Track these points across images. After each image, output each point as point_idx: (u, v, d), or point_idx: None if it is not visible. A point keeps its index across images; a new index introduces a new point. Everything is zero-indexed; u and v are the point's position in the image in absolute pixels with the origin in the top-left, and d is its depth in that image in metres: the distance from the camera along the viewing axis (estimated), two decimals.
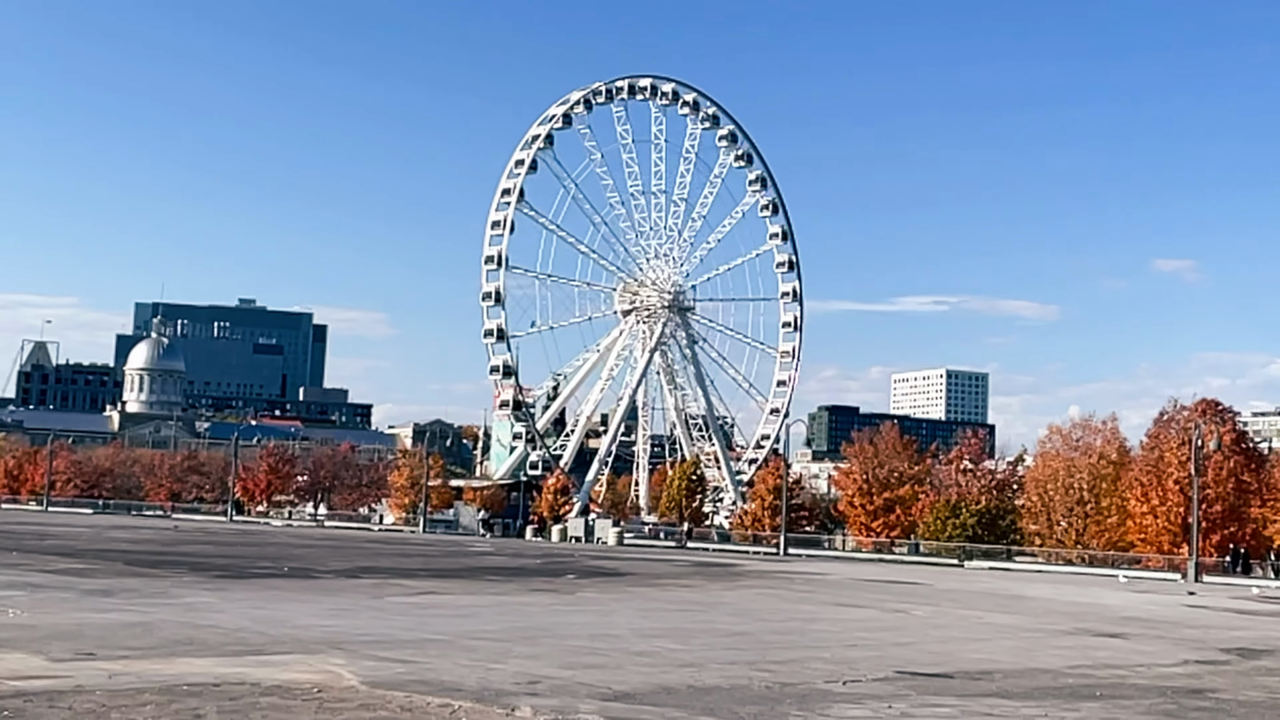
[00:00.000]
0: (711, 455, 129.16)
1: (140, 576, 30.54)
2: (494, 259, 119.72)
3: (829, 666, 17.31)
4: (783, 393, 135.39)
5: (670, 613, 27.01)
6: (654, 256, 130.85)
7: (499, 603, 27.93)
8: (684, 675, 15.64)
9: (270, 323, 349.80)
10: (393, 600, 26.88)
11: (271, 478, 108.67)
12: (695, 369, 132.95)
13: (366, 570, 37.63)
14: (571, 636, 20.19)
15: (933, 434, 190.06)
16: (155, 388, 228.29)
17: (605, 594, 32.35)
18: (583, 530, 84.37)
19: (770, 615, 27.83)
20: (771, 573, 48.21)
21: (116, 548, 44.75)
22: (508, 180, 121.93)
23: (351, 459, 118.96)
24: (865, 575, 49.70)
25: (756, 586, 38.31)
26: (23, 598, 22.71)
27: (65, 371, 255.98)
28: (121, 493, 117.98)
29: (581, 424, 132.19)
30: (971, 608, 33.11)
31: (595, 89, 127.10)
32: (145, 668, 14.28)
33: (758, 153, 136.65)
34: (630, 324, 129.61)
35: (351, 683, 13.68)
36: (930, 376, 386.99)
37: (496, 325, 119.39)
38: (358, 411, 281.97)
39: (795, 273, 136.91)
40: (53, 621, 19.12)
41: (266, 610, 22.65)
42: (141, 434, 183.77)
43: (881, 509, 79.38)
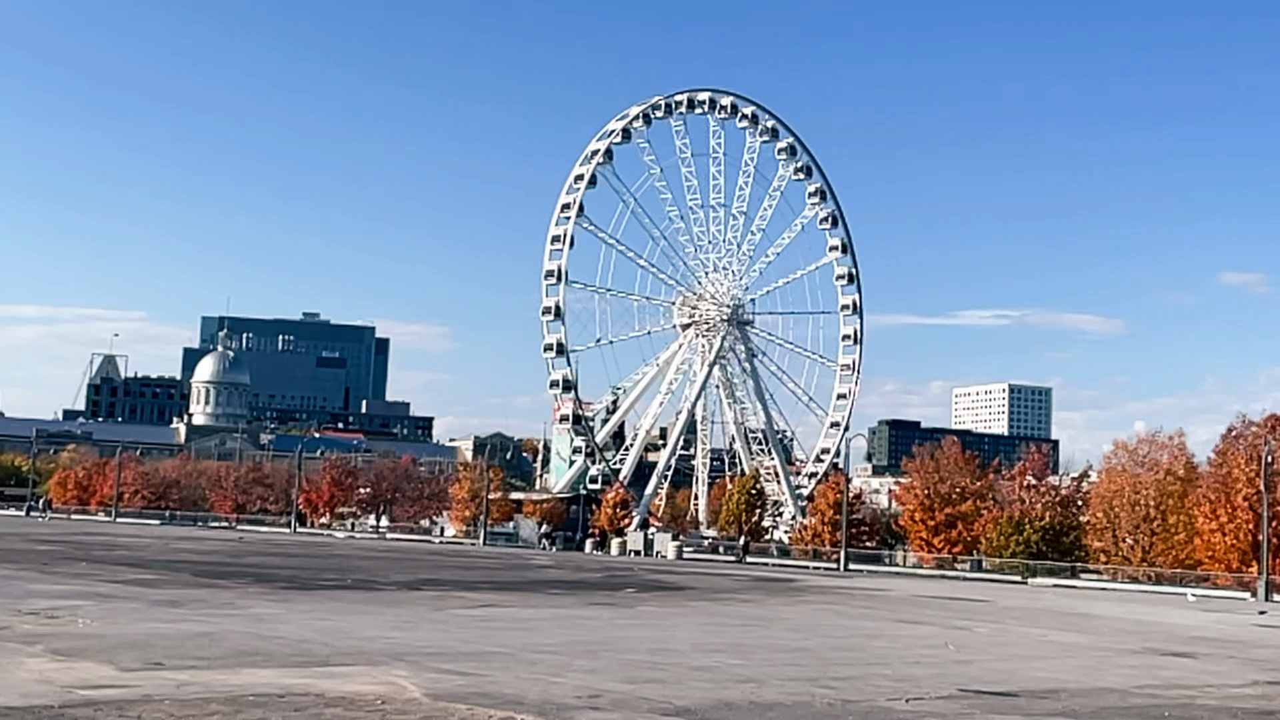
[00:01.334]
0: (771, 469, 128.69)
1: (207, 587, 30.94)
2: (554, 274, 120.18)
3: (891, 684, 17.17)
4: (843, 406, 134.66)
5: (730, 628, 26.93)
6: (713, 270, 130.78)
7: (559, 616, 27.97)
8: (745, 691, 15.58)
9: (333, 336, 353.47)
10: (454, 613, 27.02)
11: (334, 490, 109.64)
12: (754, 382, 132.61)
13: (428, 582, 37.85)
14: (632, 651, 20.18)
15: (995, 449, 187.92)
16: (221, 400, 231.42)
17: (665, 608, 32.32)
18: (642, 544, 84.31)
19: (831, 631, 27.65)
20: (832, 588, 47.91)
21: (183, 559, 45.34)
22: (567, 195, 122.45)
23: (413, 471, 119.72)
24: (927, 591, 49.25)
25: (817, 602, 38.08)
26: (92, 607, 23.06)
27: (133, 384, 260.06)
28: (188, 504, 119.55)
29: (640, 438, 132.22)
30: (1035, 625, 32.71)
31: (654, 103, 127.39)
32: (212, 678, 14.46)
33: (817, 165, 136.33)
34: (689, 338, 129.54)
35: (415, 695, 13.77)
36: (992, 391, 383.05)
37: (556, 340, 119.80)
38: (419, 424, 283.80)
39: (855, 285, 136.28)
40: (121, 631, 19.40)
41: (330, 621, 22.85)
42: (207, 446, 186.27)
43: (943, 524, 78.62)
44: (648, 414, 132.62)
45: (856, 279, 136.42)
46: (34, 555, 42.18)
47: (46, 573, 33.32)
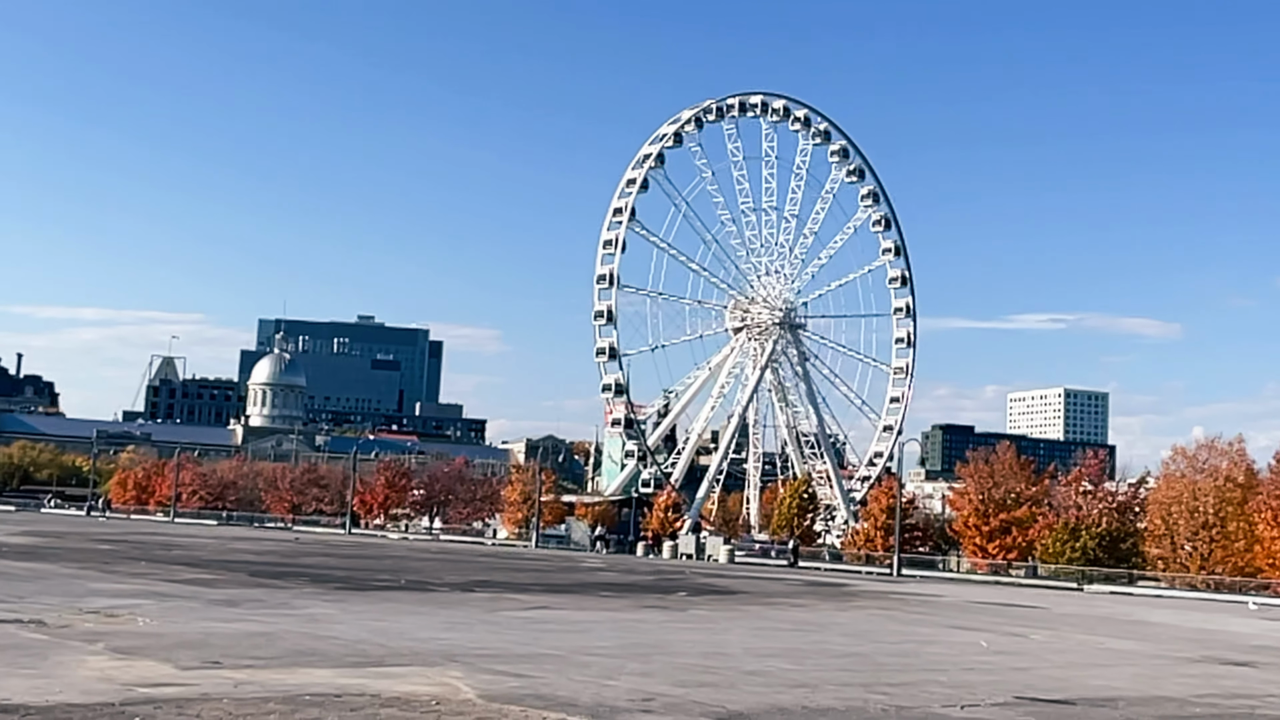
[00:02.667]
0: (823, 473, 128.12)
1: (263, 587, 31.26)
2: (606, 278, 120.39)
3: (946, 690, 17.05)
4: (896, 409, 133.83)
5: (783, 632, 26.84)
6: (765, 273, 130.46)
7: (611, 619, 28.01)
8: (798, 696, 15.53)
9: (388, 339, 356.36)
10: (507, 614, 27.13)
11: (388, 491, 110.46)
12: (807, 386, 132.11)
13: (481, 584, 38.03)
14: (684, 654, 20.17)
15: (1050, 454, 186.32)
16: (277, 402, 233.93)
17: (717, 612, 32.27)
18: (694, 547, 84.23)
19: (884, 637, 27.50)
20: (885, 593, 47.63)
21: (240, 559, 45.84)
22: (619, 199, 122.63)
23: (466, 473, 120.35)
24: (981, 597, 48.83)
25: (870, 607, 37.87)
26: (151, 606, 23.38)
27: (191, 386, 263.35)
28: (244, 505, 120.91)
29: (692, 441, 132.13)
30: (1092, 632, 32.35)
31: (706, 107, 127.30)
32: (269, 677, 14.61)
33: (870, 168, 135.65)
34: (741, 341, 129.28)
35: (468, 696, 13.85)
36: (1047, 396, 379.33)
37: (608, 344, 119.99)
38: (472, 427, 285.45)
39: (908, 288, 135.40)
40: (180, 630, 19.66)
41: (385, 622, 23.02)
42: (264, 447, 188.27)
43: (998, 530, 77.90)
44: (699, 417, 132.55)
45: (910, 282, 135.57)
46: (95, 555, 42.85)
47: (107, 572, 33.84)
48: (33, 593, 25.35)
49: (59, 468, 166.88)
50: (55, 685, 13.19)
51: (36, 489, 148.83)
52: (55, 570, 33.63)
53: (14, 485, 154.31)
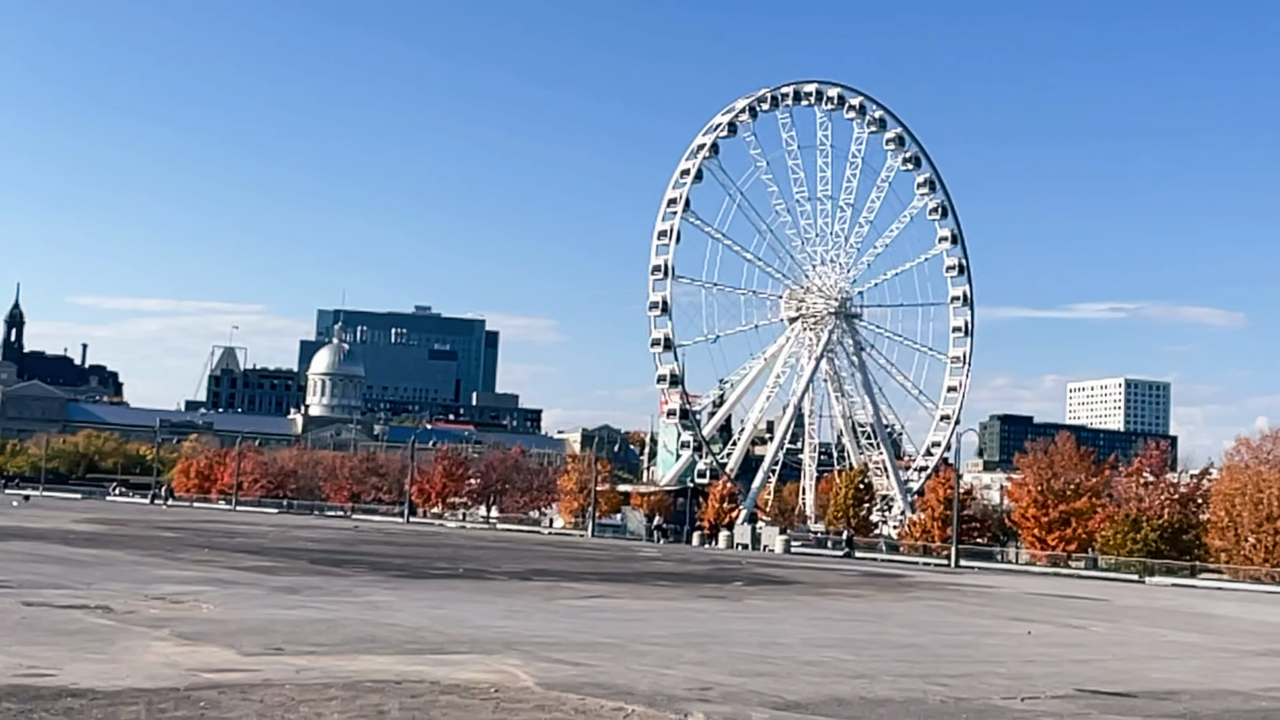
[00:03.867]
0: (879, 464, 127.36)
1: (324, 575, 31.60)
2: (660, 269, 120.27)
3: (1005, 682, 16.92)
4: (953, 399, 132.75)
5: (840, 623, 26.76)
6: (820, 263, 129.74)
7: (668, 608, 28.05)
8: (856, 687, 15.49)
9: (445, 329, 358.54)
10: (564, 603, 27.23)
11: (446, 480, 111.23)
12: (862, 376, 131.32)
13: (538, 573, 38.21)
14: (741, 644, 20.16)
15: (1110, 445, 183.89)
16: (336, 392, 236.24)
17: (773, 602, 32.21)
18: (749, 537, 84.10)
19: (943, 628, 27.32)
20: (942, 584, 47.32)
21: (301, 546, 46.34)
22: (673, 190, 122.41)
23: (522, 463, 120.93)
24: (1040, 589, 48.38)
25: (927, 598, 37.64)
26: (215, 593, 23.72)
27: (252, 376, 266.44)
28: (304, 493, 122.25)
29: (748, 431, 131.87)
30: (1154, 625, 31.97)
31: (760, 96, 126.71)
32: (330, 664, 14.77)
33: (926, 155, 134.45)
34: (796, 331, 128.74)
35: (527, 683, 13.92)
36: (1108, 386, 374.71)
37: (663, 335, 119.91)
38: (528, 416, 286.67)
39: (966, 277, 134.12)
40: (242, 617, 19.91)
41: (444, 610, 23.20)
42: (323, 436, 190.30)
43: (1057, 521, 77.08)
44: (754, 408, 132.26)
45: (967, 270, 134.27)
46: (159, 542, 43.52)
47: (171, 559, 34.35)
48: (99, 579, 25.79)
49: (123, 456, 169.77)
50: (122, 670, 13.41)
51: (102, 477, 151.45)
52: (121, 557, 34.19)
53: (80, 473, 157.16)
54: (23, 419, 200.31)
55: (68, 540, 40.98)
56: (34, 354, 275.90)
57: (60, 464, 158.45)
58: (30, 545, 36.90)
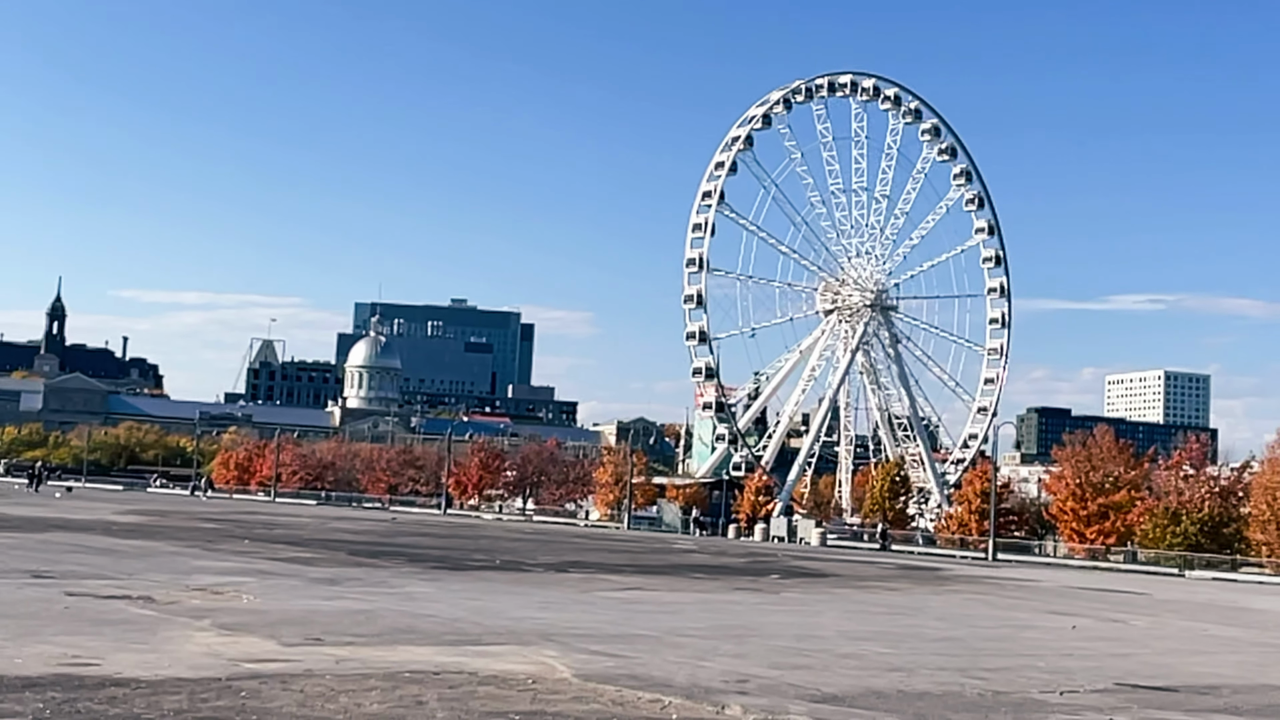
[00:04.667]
0: (916, 456, 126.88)
1: (362, 566, 31.79)
2: (695, 262, 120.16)
3: (1044, 676, 16.84)
4: (990, 391, 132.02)
5: (877, 615, 26.69)
6: (856, 255, 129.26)
7: (704, 600, 28.06)
8: (893, 679, 15.45)
9: (481, 322, 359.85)
10: (600, 595, 27.30)
11: (482, 472, 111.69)
12: (899, 368, 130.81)
13: (574, 565, 38.29)
14: (777, 636, 20.15)
15: (1150, 438, 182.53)
16: (373, 384, 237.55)
17: (810, 595, 32.17)
18: (785, 530, 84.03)
19: (980, 621, 27.21)
20: (980, 578, 47.11)
21: (339, 538, 46.64)
22: (708, 183, 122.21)
23: (558, 455, 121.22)
24: (1078, 583, 48.09)
25: (965, 591, 37.48)
26: (255, 584, 23.90)
27: (290, 368, 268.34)
28: (342, 485, 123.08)
29: (783, 424, 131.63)
30: (1194, 619, 31.71)
31: (795, 88, 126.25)
32: (369, 654, 14.87)
33: (962, 146, 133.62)
34: (832, 323, 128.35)
35: (564, 675, 13.97)
36: (1146, 378, 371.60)
37: (698, 328, 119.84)
38: (563, 409, 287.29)
39: (1003, 268, 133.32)
40: (282, 607, 20.05)
41: (481, 601, 23.30)
42: (361, 429, 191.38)
43: (1095, 515, 76.58)
44: (790, 400, 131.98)
45: (1004, 261, 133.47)
46: (199, 533, 43.90)
47: (211, 550, 34.64)
48: (141, 570, 26.05)
49: (164, 448, 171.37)
50: (164, 660, 13.55)
51: (143, 469, 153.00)
52: (162, 548, 34.50)
53: (121, 465, 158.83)
54: (65, 411, 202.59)
55: (110, 531, 41.41)
56: (76, 347, 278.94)
57: (102, 456, 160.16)
58: (73, 536, 37.31)
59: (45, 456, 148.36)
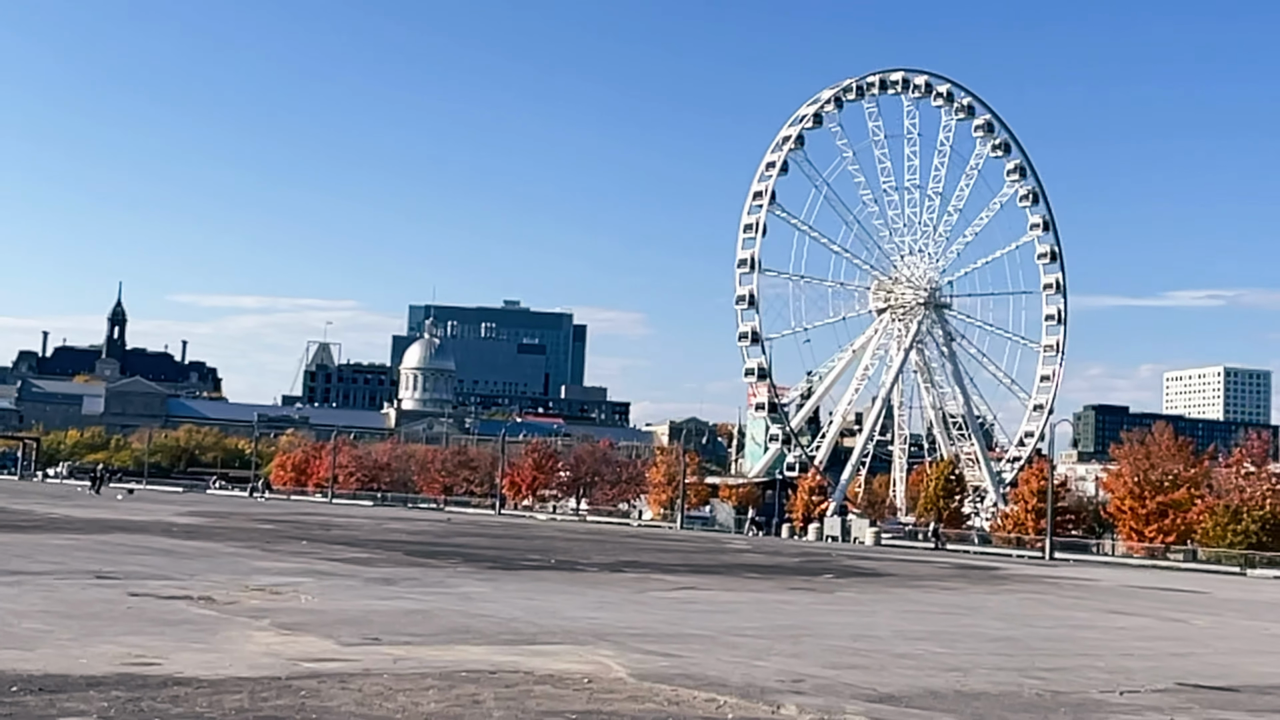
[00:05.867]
0: (971, 455, 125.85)
1: (418, 566, 32.01)
2: (747, 262, 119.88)
3: (1103, 676, 16.67)
4: (1046, 388, 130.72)
5: (932, 615, 26.52)
6: (909, 253, 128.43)
7: (758, 600, 28.01)
8: (950, 679, 15.35)
9: (533, 323, 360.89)
10: (655, 595, 27.33)
11: (536, 473, 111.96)
12: (953, 366, 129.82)
13: (628, 564, 38.35)
14: (832, 636, 20.09)
15: (1209, 435, 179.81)
16: (428, 386, 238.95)
17: (865, 594, 32.02)
18: (839, 529, 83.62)
19: (1038, 621, 26.97)
20: (1037, 577, 46.67)
21: (395, 538, 46.98)
22: (759, 183, 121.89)
23: (611, 455, 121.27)
24: (1137, 582, 47.52)
25: (1021, 591, 37.15)
26: (313, 584, 24.14)
27: (346, 371, 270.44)
28: (398, 486, 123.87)
29: (836, 424, 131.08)
30: (1256, 618, 31.25)
31: (846, 86, 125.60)
32: (426, 654, 14.99)
33: (1016, 141, 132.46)
34: (885, 322, 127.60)
35: (620, 674, 14.01)
36: (1206, 375, 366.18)
37: (751, 328, 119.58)
38: (616, 409, 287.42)
39: (1058, 264, 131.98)
40: (340, 607, 20.25)
41: (536, 601, 23.40)
42: (415, 430, 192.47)
43: (1154, 513, 75.55)
44: (843, 399, 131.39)
45: (1059, 257, 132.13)
46: (258, 534, 44.39)
47: (270, 551, 35.02)
48: (201, 570, 26.39)
49: (222, 450, 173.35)
50: (225, 659, 13.73)
51: (202, 471, 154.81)
52: (221, 549, 34.93)
53: (181, 467, 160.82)
54: (126, 414, 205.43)
55: (170, 533, 41.97)
56: (136, 351, 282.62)
57: (162, 458, 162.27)
58: (135, 538, 37.85)
59: (107, 459, 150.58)
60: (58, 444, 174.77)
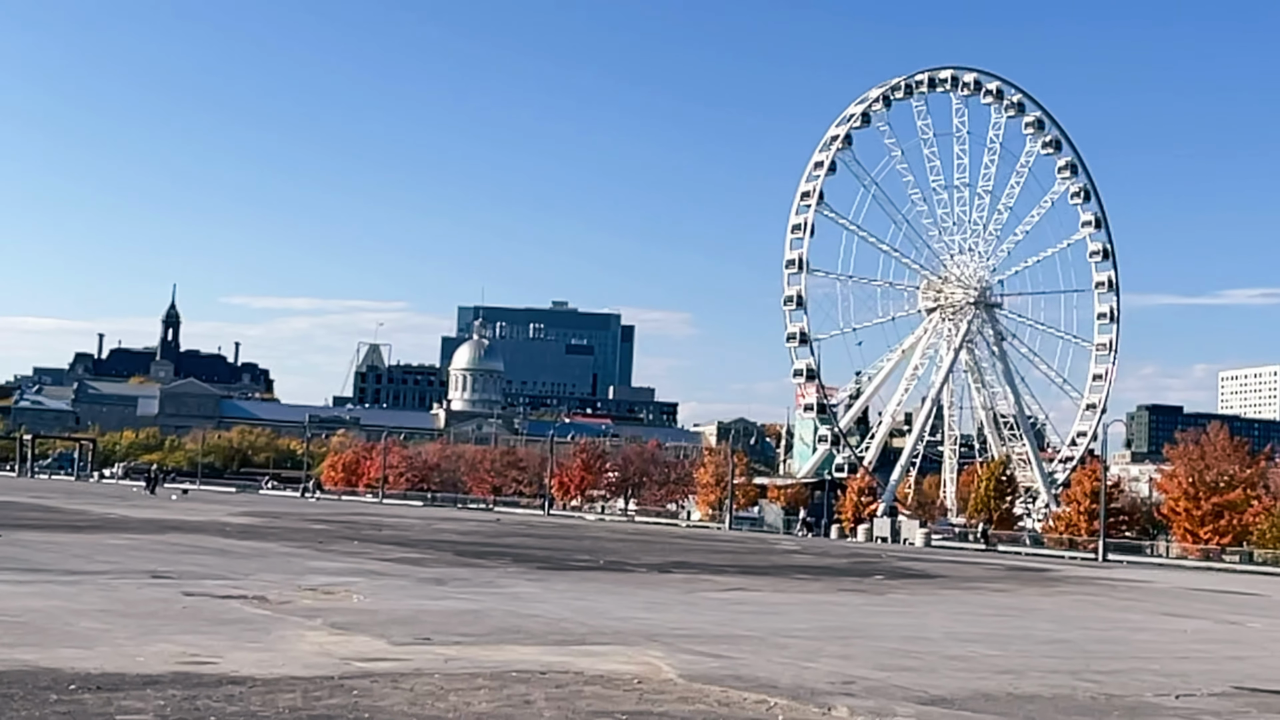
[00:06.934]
0: (1022, 455, 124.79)
1: (469, 566, 32.14)
2: (795, 263, 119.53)
3: (1159, 679, 16.46)
4: (1099, 387, 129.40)
5: (984, 617, 26.31)
6: (959, 252, 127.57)
7: (808, 601, 27.91)
8: (1002, 682, 15.23)
9: (581, 324, 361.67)
10: (704, 595, 27.29)
11: (584, 473, 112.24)
12: (1004, 365, 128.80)
13: (677, 565, 38.31)
14: (883, 638, 19.98)
15: (1266, 435, 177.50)
16: (477, 387, 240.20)
17: (915, 596, 31.81)
18: (889, 531, 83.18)
19: (1092, 623, 26.68)
20: (1090, 579, 46.18)
21: (446, 538, 47.19)
22: (807, 183, 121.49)
23: (659, 456, 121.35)
24: (1192, 584, 46.90)
25: (1074, 593, 36.77)
26: (364, 584, 24.30)
27: (396, 372, 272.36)
28: (447, 486, 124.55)
29: (885, 424, 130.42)
30: None
31: (894, 84, 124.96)
32: (477, 654, 15.05)
33: (1067, 138, 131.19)
34: (935, 322, 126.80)
35: (669, 675, 14.00)
36: (1262, 374, 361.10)
37: (799, 329, 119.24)
38: (664, 410, 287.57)
39: (1110, 262, 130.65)
40: (392, 607, 20.37)
41: (586, 601, 23.44)
42: (465, 430, 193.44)
43: (1209, 514, 74.64)
44: (892, 400, 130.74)
45: (1112, 254, 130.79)
46: (310, 534, 44.76)
47: (322, 551, 35.29)
48: (255, 570, 26.63)
49: (275, 451, 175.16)
50: (279, 658, 13.85)
51: (255, 471, 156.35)
52: (274, 549, 35.24)
53: (234, 468, 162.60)
54: (180, 415, 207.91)
55: (224, 533, 42.38)
56: (190, 353, 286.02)
57: (215, 459, 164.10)
58: (189, 538, 38.28)
59: (161, 460, 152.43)
60: (113, 445, 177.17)
